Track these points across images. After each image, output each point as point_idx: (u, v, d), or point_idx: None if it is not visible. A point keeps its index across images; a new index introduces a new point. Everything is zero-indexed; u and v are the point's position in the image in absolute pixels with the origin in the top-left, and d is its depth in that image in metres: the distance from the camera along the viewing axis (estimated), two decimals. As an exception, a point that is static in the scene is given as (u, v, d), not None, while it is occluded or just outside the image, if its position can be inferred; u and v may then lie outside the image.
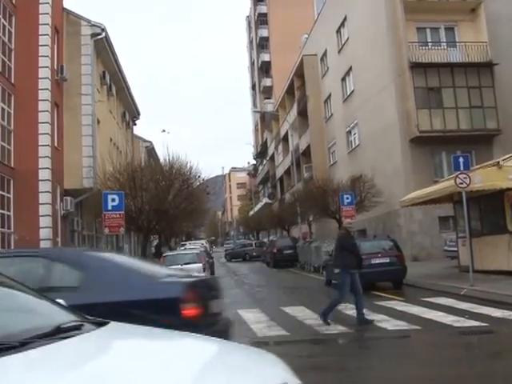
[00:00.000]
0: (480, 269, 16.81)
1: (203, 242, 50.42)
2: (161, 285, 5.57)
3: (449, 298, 13.60)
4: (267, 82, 76.39)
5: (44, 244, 21.14)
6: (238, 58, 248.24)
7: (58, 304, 3.29)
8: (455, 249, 20.24)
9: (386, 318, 11.21)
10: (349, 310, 13.02)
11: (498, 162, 16.61)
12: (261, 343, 10.35)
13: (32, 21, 22.20)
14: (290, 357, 9.17)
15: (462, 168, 15.81)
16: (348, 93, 36.31)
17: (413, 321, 10.68)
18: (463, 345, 9.04)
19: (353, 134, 36.01)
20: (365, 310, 11.35)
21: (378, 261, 17.32)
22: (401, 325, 10.47)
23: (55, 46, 23.82)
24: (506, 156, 17.13)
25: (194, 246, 34.01)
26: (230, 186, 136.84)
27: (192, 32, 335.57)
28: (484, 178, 16.15)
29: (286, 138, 54.52)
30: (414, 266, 20.99)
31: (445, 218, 25.70)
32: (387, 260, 17.36)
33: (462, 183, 15.30)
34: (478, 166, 17.97)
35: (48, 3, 22.78)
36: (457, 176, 15.49)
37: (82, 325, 3.01)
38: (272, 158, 66.32)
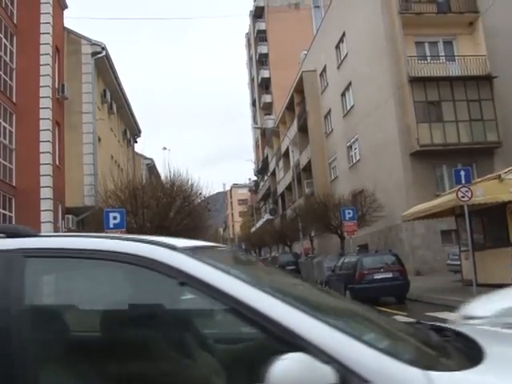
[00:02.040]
0: (483, 282, 16.71)
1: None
2: None
3: (453, 313, 13.49)
4: (267, 98, 76.54)
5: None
6: (238, 74, 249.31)
7: None
8: (458, 262, 20.12)
9: (389, 333, 11.12)
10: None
11: (500, 175, 16.58)
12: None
13: (33, 40, 22.38)
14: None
15: (463, 181, 15.81)
16: (348, 108, 36.40)
17: (417, 336, 10.59)
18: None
19: (353, 148, 36.04)
20: None
21: (380, 276, 17.25)
22: (405, 340, 10.39)
23: (56, 65, 23.99)
24: (508, 169, 17.09)
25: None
26: (231, 202, 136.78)
27: (192, 48, 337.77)
28: (486, 191, 16.12)
29: (286, 154, 54.61)
30: (417, 281, 20.89)
31: (447, 232, 25.60)
32: (390, 275, 17.29)
33: (463, 197, 15.28)
34: (479, 179, 17.96)
35: (49, 23, 22.98)
36: (458, 189, 15.48)
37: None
38: (273, 173, 66.35)
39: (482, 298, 6.35)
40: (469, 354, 2.16)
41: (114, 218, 17.07)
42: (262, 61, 79.55)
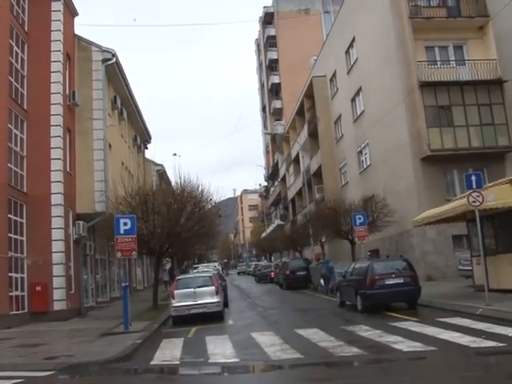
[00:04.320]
0: (495, 288, 16.61)
1: (216, 264, 50.18)
2: None
3: (464, 318, 13.43)
4: (277, 103, 76.58)
5: (57, 269, 21.19)
6: (249, 80, 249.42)
7: None
8: (470, 268, 20.02)
9: (400, 340, 11.07)
10: (363, 331, 12.89)
11: (511, 180, 16.50)
12: (275, 366, 10.26)
13: (44, 48, 22.53)
14: (305, 380, 9.07)
15: (474, 186, 15.71)
16: (358, 113, 36.35)
17: (428, 342, 10.53)
18: (480, 366, 8.88)
19: (364, 154, 35.97)
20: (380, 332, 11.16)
21: (391, 281, 17.18)
22: (416, 346, 10.33)
23: (67, 72, 24.12)
24: (519, 173, 17.01)
25: (207, 269, 33.89)
26: (241, 208, 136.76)
27: (202, 54, 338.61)
28: (497, 195, 16.02)
29: (297, 160, 54.57)
30: (428, 286, 20.80)
31: (459, 237, 25.47)
32: (401, 280, 17.21)
33: (474, 201, 15.20)
34: (490, 184, 17.83)
35: (60, 30, 23.12)
36: (469, 194, 15.39)
37: None
38: (283, 179, 66.33)
39: None
40: None
41: (125, 224, 17.11)
42: (271, 66, 79.68)
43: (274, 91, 78.80)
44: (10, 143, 20.35)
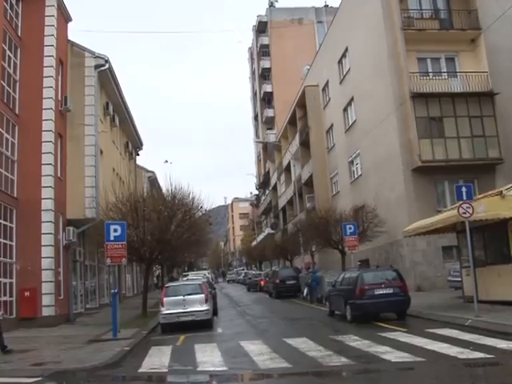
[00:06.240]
0: (485, 299, 16.65)
1: (206, 272, 49.91)
2: None
3: (453, 329, 13.45)
4: (269, 112, 76.70)
5: (46, 274, 21.07)
6: (241, 88, 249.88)
7: None
8: (459, 279, 20.06)
9: (389, 350, 11.07)
10: (352, 341, 12.88)
11: (501, 192, 16.58)
12: (264, 375, 10.23)
13: (37, 53, 22.49)
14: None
15: (464, 197, 15.77)
16: (350, 123, 36.45)
17: (417, 352, 10.53)
18: (468, 377, 8.89)
19: (355, 163, 36.06)
20: (368, 342, 11.14)
21: (381, 291, 17.17)
22: (405, 356, 10.32)
23: (59, 78, 24.07)
24: (509, 185, 17.09)
25: (197, 277, 33.76)
26: (232, 216, 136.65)
27: (196, 62, 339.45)
28: (487, 207, 16.09)
29: (288, 169, 54.64)
30: (418, 297, 20.82)
31: (448, 248, 25.55)
32: (390, 290, 17.20)
33: (464, 213, 15.24)
34: (480, 196, 17.93)
35: (53, 35, 23.09)
36: (460, 206, 15.44)
37: None
38: (274, 188, 66.35)
39: None
40: None
41: (115, 230, 17.05)
42: (264, 75, 79.85)
43: (267, 100, 78.97)
44: (1, 147, 20.28)
